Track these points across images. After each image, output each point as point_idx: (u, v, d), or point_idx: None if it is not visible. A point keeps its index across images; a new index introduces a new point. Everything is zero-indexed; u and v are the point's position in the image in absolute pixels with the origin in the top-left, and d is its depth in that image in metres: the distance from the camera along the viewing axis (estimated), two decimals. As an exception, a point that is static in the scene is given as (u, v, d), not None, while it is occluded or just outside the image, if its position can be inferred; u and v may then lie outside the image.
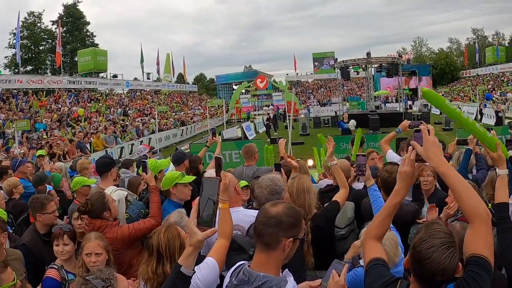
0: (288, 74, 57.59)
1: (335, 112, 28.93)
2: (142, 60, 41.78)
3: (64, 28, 42.32)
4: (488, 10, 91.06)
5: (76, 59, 36.53)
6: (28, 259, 3.07)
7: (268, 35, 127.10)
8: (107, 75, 35.16)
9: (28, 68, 42.25)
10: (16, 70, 33.44)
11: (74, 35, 46.23)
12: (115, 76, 35.50)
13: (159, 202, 3.34)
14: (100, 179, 4.04)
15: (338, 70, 29.28)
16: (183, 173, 3.67)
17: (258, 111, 36.40)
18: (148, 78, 42.01)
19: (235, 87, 47.86)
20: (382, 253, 1.83)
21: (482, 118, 23.60)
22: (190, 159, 4.99)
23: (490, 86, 38.77)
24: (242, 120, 34.74)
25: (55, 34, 36.90)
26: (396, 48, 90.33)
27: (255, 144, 5.89)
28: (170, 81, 45.86)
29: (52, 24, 44.23)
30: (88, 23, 48.47)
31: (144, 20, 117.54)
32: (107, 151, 15.32)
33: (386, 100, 41.66)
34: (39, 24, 44.55)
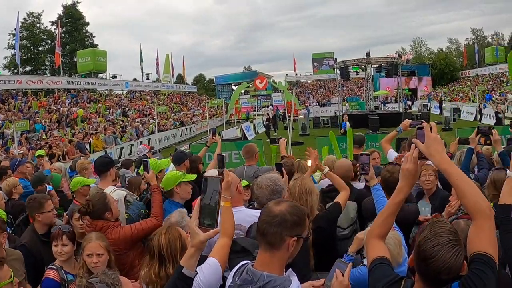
0: (287, 75, 57.66)
1: (335, 113, 28.96)
2: (142, 60, 41.96)
3: (64, 29, 42.25)
4: (488, 10, 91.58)
5: (75, 59, 36.46)
6: (28, 260, 3.04)
7: (267, 35, 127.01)
8: (106, 75, 35.24)
9: (28, 68, 42.24)
10: (16, 71, 33.35)
11: (74, 35, 46.17)
12: (115, 76, 35.55)
13: (161, 201, 3.32)
14: (99, 179, 4.02)
15: (338, 71, 29.34)
16: (184, 172, 3.65)
17: (258, 111, 36.41)
18: (148, 79, 42.08)
19: (234, 87, 47.92)
20: (386, 252, 1.81)
21: (481, 118, 23.62)
22: (191, 159, 4.97)
23: (489, 86, 38.82)
24: (241, 120, 34.71)
25: (55, 34, 36.80)
26: (395, 48, 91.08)
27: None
28: (170, 81, 45.83)
29: (52, 25, 44.24)
30: (87, 23, 48.50)
31: (144, 21, 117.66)
32: (106, 152, 15.28)
33: (385, 101, 41.78)
34: (38, 25, 44.50)
